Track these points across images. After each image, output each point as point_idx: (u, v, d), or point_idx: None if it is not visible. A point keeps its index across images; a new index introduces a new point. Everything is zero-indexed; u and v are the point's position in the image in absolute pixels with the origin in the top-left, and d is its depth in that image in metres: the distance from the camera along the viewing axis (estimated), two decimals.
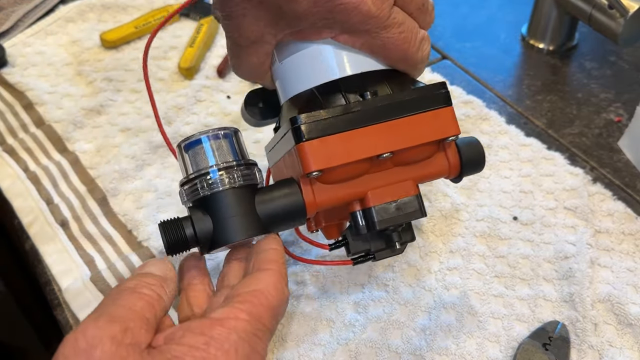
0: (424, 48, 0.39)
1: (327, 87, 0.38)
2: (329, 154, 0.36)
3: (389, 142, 0.37)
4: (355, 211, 0.39)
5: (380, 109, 0.37)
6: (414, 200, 0.39)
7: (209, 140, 0.39)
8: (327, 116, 0.36)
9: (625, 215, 0.58)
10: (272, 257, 0.37)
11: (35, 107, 0.71)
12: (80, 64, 0.77)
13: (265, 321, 0.33)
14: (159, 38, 0.80)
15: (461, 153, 0.41)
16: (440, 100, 0.38)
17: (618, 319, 0.51)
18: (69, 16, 0.83)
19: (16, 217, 0.61)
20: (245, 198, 0.38)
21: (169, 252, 0.38)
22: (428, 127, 0.37)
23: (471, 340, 0.50)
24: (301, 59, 0.39)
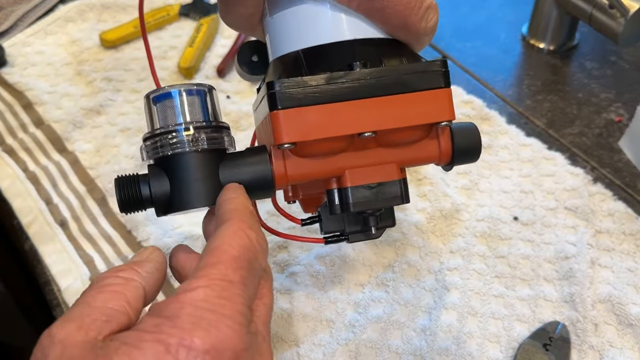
0: (429, 17, 0.35)
1: (314, 52, 0.35)
2: (304, 126, 0.33)
3: (372, 121, 0.33)
4: (332, 189, 0.36)
5: (367, 82, 0.33)
6: (396, 185, 0.36)
7: (179, 96, 0.35)
8: (307, 84, 0.33)
9: (626, 216, 0.58)
10: (229, 207, 0.33)
11: (35, 107, 0.71)
12: (79, 63, 0.76)
13: (231, 276, 0.29)
14: (159, 38, 0.80)
15: (455, 139, 0.37)
16: (438, 79, 0.34)
17: (618, 319, 0.51)
18: (68, 16, 0.82)
19: (15, 217, 0.61)
20: (208, 163, 0.35)
21: (122, 209, 0.35)
22: (419, 109, 0.34)
23: (471, 340, 0.50)
24: (291, 17, 0.36)
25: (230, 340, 0.27)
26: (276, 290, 0.53)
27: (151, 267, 0.32)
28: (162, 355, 0.25)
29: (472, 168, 0.63)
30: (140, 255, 0.33)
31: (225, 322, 0.27)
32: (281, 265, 0.55)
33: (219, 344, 0.26)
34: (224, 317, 0.27)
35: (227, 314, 0.27)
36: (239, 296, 0.28)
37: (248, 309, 0.28)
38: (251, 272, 0.30)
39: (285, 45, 0.36)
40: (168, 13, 0.82)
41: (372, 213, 0.37)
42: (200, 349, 0.26)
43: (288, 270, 0.55)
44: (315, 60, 0.35)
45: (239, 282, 0.29)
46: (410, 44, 0.36)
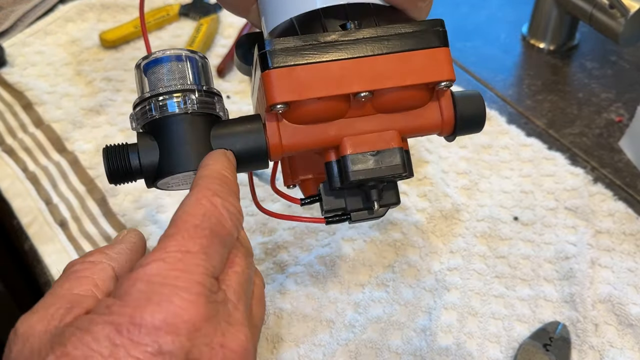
0: None
1: (307, 17, 0.34)
2: (297, 85, 0.31)
3: (368, 80, 0.32)
4: (330, 161, 0.35)
5: (362, 41, 0.32)
6: (397, 153, 0.34)
7: (170, 61, 0.34)
8: (299, 44, 0.32)
9: (626, 216, 0.58)
10: (200, 174, 0.31)
11: (35, 107, 0.71)
12: (79, 63, 0.76)
13: (189, 246, 0.27)
14: (159, 38, 0.80)
15: (457, 107, 0.36)
16: (435, 38, 0.33)
17: (619, 320, 0.51)
18: (68, 16, 0.82)
19: (15, 218, 0.61)
20: (199, 127, 0.33)
21: (111, 180, 0.34)
22: (417, 68, 0.32)
23: (472, 340, 0.50)
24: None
25: (185, 312, 0.25)
26: (276, 290, 0.53)
27: (122, 247, 0.31)
28: (113, 336, 0.24)
29: (472, 168, 0.63)
30: (114, 240, 0.33)
31: (180, 294, 0.26)
32: (281, 265, 0.55)
33: (171, 317, 0.25)
34: (178, 289, 0.26)
35: (181, 286, 0.26)
36: (197, 266, 0.27)
37: (211, 279, 0.27)
38: (215, 241, 0.28)
39: (278, 16, 0.35)
40: (168, 13, 0.82)
41: (374, 185, 0.35)
42: (150, 326, 0.25)
43: (288, 270, 0.55)
44: (308, 24, 0.34)
45: (199, 251, 0.27)
46: (407, 11, 0.35)
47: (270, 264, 0.55)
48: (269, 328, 0.51)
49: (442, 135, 0.37)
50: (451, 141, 0.39)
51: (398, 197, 0.37)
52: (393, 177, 0.35)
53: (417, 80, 0.33)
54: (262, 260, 0.55)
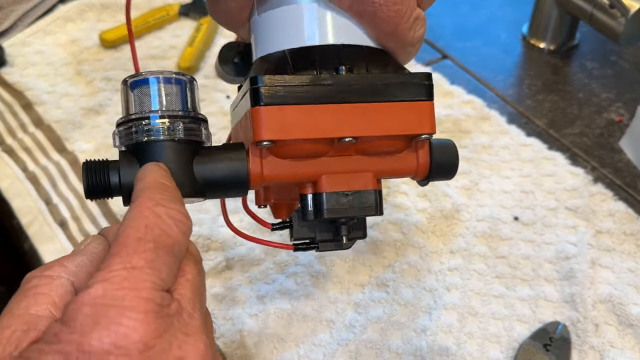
0: (417, 28, 0.35)
1: (300, 53, 0.35)
2: (285, 125, 0.32)
3: (355, 127, 0.33)
4: (306, 194, 0.36)
5: (352, 87, 0.33)
6: (371, 195, 0.35)
7: (158, 83, 0.34)
8: (291, 83, 0.32)
9: (626, 216, 0.58)
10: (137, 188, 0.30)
11: (34, 106, 0.71)
12: (79, 63, 0.76)
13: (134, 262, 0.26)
14: (159, 38, 0.80)
15: (433, 155, 0.37)
16: (421, 92, 0.34)
17: (619, 320, 0.51)
18: (68, 16, 0.82)
19: (15, 218, 0.61)
20: (183, 154, 0.34)
21: (88, 195, 0.33)
22: (401, 119, 0.33)
23: (472, 340, 0.50)
24: (280, 16, 0.35)
25: (134, 332, 0.24)
26: (276, 290, 0.53)
27: (82, 259, 0.30)
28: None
29: (472, 168, 0.63)
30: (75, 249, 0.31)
31: (127, 314, 0.25)
32: (281, 265, 0.55)
33: (121, 340, 0.24)
34: (125, 309, 0.25)
35: (128, 305, 0.25)
36: (144, 281, 0.26)
37: (161, 292, 0.26)
38: (161, 252, 0.27)
39: (271, 44, 0.36)
40: (168, 13, 0.82)
41: (345, 222, 0.37)
42: (100, 351, 0.24)
43: (288, 270, 0.55)
44: (301, 60, 0.34)
45: (144, 266, 0.26)
46: (396, 54, 0.36)
47: (270, 264, 0.55)
48: (269, 328, 0.50)
49: (415, 179, 0.39)
50: (423, 186, 0.40)
51: (365, 231, 0.39)
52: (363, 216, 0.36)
53: (402, 132, 0.34)
54: (262, 260, 0.55)
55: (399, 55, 0.36)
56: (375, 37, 0.35)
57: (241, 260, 0.56)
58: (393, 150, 0.36)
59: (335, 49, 0.34)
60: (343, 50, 0.34)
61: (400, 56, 0.37)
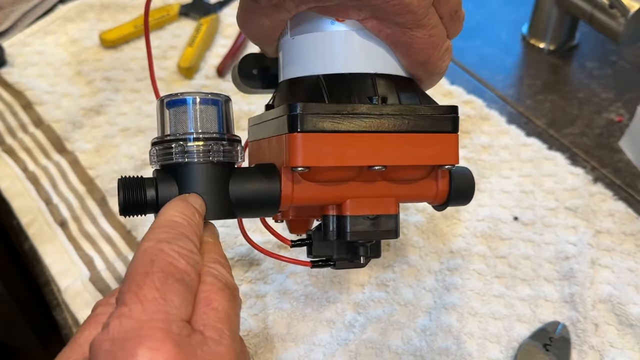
0: (445, 58, 0.37)
1: (335, 79, 0.36)
2: (320, 152, 0.33)
3: (385, 156, 0.34)
4: (329, 215, 0.37)
5: (386, 117, 0.34)
6: (392, 220, 0.37)
7: (195, 104, 0.35)
8: (329, 112, 0.33)
9: (626, 216, 0.58)
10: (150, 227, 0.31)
11: (34, 107, 0.71)
12: (79, 63, 0.76)
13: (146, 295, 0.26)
14: (159, 37, 0.80)
15: (452, 182, 0.39)
16: (448, 124, 0.35)
17: (619, 320, 0.51)
18: (68, 16, 0.82)
19: (15, 218, 0.61)
20: (219, 176, 0.34)
21: (123, 212, 0.34)
22: (428, 150, 0.35)
23: (472, 340, 0.50)
24: (315, 41, 0.36)
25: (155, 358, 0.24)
26: (276, 290, 0.53)
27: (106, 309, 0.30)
28: None
29: (472, 168, 0.63)
30: None
31: (145, 344, 0.24)
32: (281, 265, 0.55)
33: None
34: (142, 340, 0.25)
35: (145, 335, 0.25)
36: (159, 312, 0.26)
37: (177, 322, 0.26)
38: (169, 281, 0.27)
39: (304, 68, 0.37)
40: (168, 13, 0.82)
41: (364, 243, 0.38)
42: None
43: (288, 270, 0.55)
44: (336, 87, 0.35)
45: (155, 297, 0.26)
46: (422, 82, 0.38)
47: (270, 264, 0.55)
48: (269, 328, 0.51)
49: (432, 204, 0.40)
50: (440, 211, 0.41)
51: (380, 251, 0.40)
52: (383, 239, 0.38)
53: (429, 162, 0.35)
54: (262, 260, 0.55)
55: (425, 83, 0.38)
56: (407, 66, 0.37)
57: (241, 260, 0.56)
58: (416, 178, 0.37)
59: (370, 78, 0.36)
60: (377, 79, 0.36)
61: (426, 84, 0.38)
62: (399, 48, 0.35)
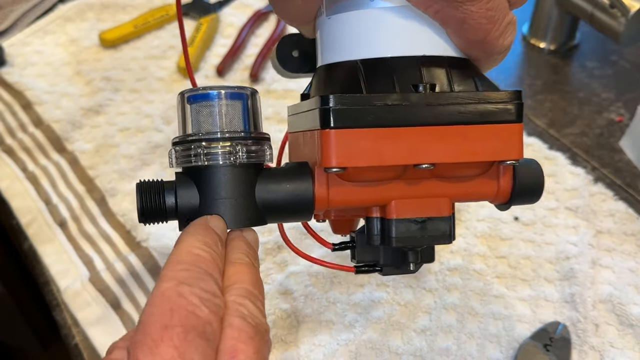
0: (507, 35, 0.31)
1: (375, 64, 0.31)
2: (357, 150, 0.29)
3: (434, 153, 0.30)
4: (373, 217, 0.33)
5: (434, 108, 0.29)
6: (445, 223, 0.32)
7: (219, 99, 0.31)
8: (366, 104, 0.29)
9: (627, 216, 0.58)
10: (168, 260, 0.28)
11: (34, 106, 0.71)
12: (79, 63, 0.76)
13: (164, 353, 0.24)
14: (158, 37, 0.80)
15: (516, 178, 0.34)
16: (510, 113, 0.30)
17: (619, 320, 0.50)
18: (67, 15, 0.82)
19: (14, 218, 0.61)
20: (245, 179, 0.31)
21: (142, 219, 0.31)
22: (487, 144, 0.30)
23: (472, 341, 0.50)
24: (352, 21, 0.32)
25: None
26: (276, 290, 0.53)
27: None
28: None
29: None
30: None
31: None
32: (281, 265, 0.55)
33: None
34: None
35: None
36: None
37: None
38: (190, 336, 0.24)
39: (341, 52, 0.33)
40: (167, 12, 0.82)
41: (414, 248, 0.34)
42: None
43: (288, 270, 0.54)
44: (376, 74, 0.31)
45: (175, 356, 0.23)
46: (480, 63, 0.33)
47: (270, 264, 0.55)
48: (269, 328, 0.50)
49: (493, 203, 0.35)
50: (503, 210, 0.36)
51: (433, 256, 0.35)
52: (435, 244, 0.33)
53: (486, 158, 0.30)
54: (262, 260, 0.55)
55: (483, 65, 0.33)
56: (460, 45, 0.31)
57: None
58: (472, 175, 0.33)
59: (415, 61, 0.31)
60: (424, 63, 0.31)
61: (484, 65, 0.33)
62: (450, 25, 0.30)
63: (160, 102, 0.71)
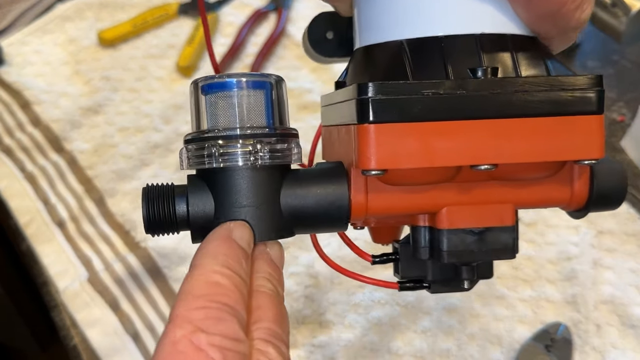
0: (585, 6, 0.26)
1: (423, 45, 0.26)
2: (402, 149, 0.24)
3: (495, 151, 0.25)
4: (419, 226, 0.28)
5: (497, 97, 0.25)
6: (508, 234, 0.27)
7: (239, 89, 0.27)
8: (413, 92, 0.24)
9: (628, 216, 0.58)
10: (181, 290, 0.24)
11: (32, 106, 0.70)
12: (77, 63, 0.76)
13: None
14: (157, 36, 0.79)
15: (594, 181, 0.28)
16: (590, 102, 0.25)
17: (621, 321, 0.50)
18: (66, 15, 0.82)
19: (13, 218, 0.61)
20: (269, 183, 0.27)
21: (149, 230, 0.28)
22: (561, 140, 0.25)
23: (473, 342, 0.49)
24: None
25: None
26: None
27: None
28: None
29: None
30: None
31: None
32: None
33: None
34: None
35: None
36: None
37: None
38: None
39: (382, 31, 0.28)
40: (166, 11, 0.81)
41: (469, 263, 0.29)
42: None
43: (288, 270, 0.54)
44: (424, 57, 0.26)
45: None
46: (550, 41, 0.28)
47: None
48: None
49: (566, 210, 0.30)
50: (577, 218, 0.31)
51: (492, 270, 0.30)
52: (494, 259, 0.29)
53: (561, 157, 0.25)
54: None
55: (556, 43, 0.28)
56: (527, 20, 0.27)
57: None
58: (540, 177, 0.28)
59: (471, 41, 0.26)
60: (483, 43, 0.26)
61: (557, 43, 0.28)
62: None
63: (160, 101, 0.71)
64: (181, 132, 0.68)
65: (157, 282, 0.55)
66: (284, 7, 0.80)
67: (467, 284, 0.30)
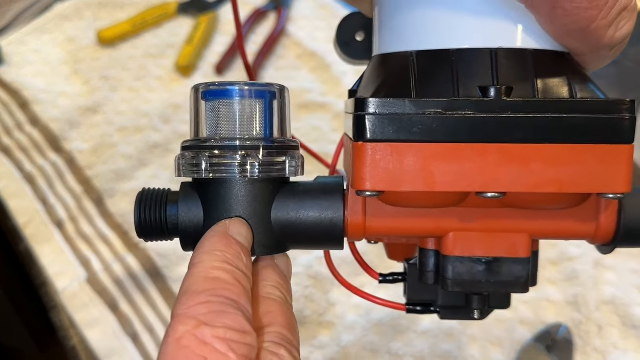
0: (621, 24, 0.24)
1: (432, 58, 0.24)
2: (399, 171, 0.23)
3: (504, 179, 0.23)
4: (426, 249, 0.27)
5: (508, 120, 0.22)
6: (521, 266, 0.25)
7: (239, 97, 0.26)
8: (415, 111, 0.22)
9: None
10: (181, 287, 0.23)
11: (31, 106, 0.70)
12: (76, 62, 0.76)
13: None
14: (157, 36, 0.79)
15: (622, 215, 0.26)
16: (618, 129, 0.22)
17: (622, 321, 0.50)
18: (65, 14, 0.82)
19: (11, 218, 0.60)
20: (259, 198, 0.26)
21: (140, 235, 0.27)
22: (578, 171, 0.22)
23: (474, 343, 0.49)
24: (410, 1, 0.25)
25: None
26: None
27: None
28: None
29: None
30: None
31: None
32: None
33: None
34: None
35: None
36: None
37: None
38: None
39: (393, 41, 0.26)
40: (166, 11, 0.81)
41: (478, 293, 0.27)
42: None
43: None
44: (432, 72, 0.24)
45: None
46: (582, 59, 0.25)
47: None
48: None
49: (592, 244, 0.28)
50: (604, 253, 0.28)
51: (509, 301, 0.28)
52: (504, 292, 0.27)
53: (577, 189, 0.23)
54: None
55: (588, 61, 0.26)
56: (555, 35, 0.24)
57: None
58: (558, 206, 0.25)
59: (487, 56, 0.24)
60: (499, 58, 0.24)
61: (590, 62, 0.26)
62: (539, 9, 0.23)
63: (159, 101, 0.71)
64: (180, 132, 0.67)
65: (157, 282, 0.54)
66: (283, 6, 0.80)
67: (477, 314, 0.28)
